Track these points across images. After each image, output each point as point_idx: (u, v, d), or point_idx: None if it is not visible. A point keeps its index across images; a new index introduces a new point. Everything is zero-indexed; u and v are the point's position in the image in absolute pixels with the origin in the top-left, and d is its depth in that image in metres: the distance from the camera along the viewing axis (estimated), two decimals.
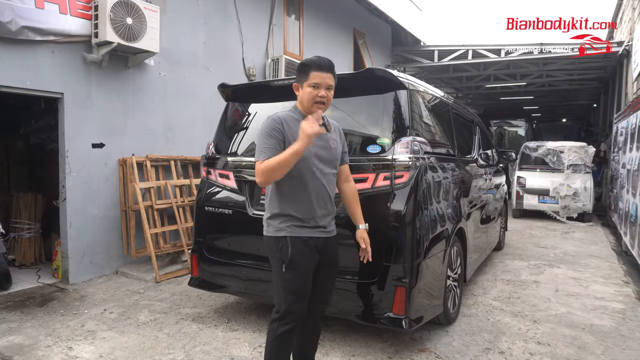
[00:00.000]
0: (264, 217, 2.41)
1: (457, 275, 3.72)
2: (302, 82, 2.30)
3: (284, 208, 2.29)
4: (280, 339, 2.27)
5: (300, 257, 2.26)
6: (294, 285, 2.26)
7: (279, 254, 2.27)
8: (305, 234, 2.28)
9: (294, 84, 2.38)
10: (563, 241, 7.34)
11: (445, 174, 3.48)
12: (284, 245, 2.26)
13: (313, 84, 2.26)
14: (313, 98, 2.26)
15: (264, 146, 2.21)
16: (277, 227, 2.29)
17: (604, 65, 11.97)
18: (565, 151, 9.53)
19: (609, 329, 3.60)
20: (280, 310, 2.27)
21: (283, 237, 2.27)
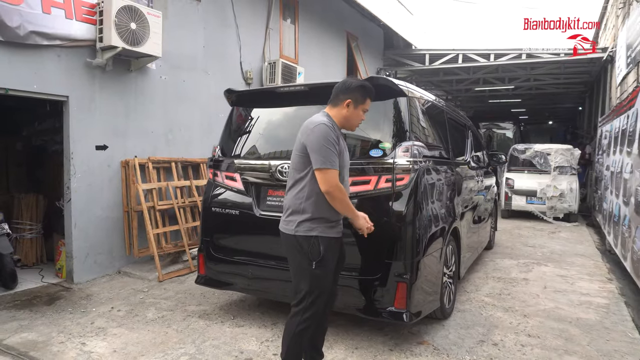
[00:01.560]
0: (285, 215, 2.52)
1: (452, 273, 3.92)
2: (357, 103, 2.52)
3: (320, 211, 2.43)
4: (302, 334, 2.44)
5: (330, 255, 2.45)
6: (322, 282, 2.44)
7: (310, 252, 2.41)
8: (333, 234, 2.48)
9: (348, 100, 2.49)
10: (550, 240, 7.60)
11: (441, 176, 3.67)
12: (315, 244, 2.41)
13: (366, 110, 2.58)
14: (359, 119, 2.58)
15: (331, 155, 2.35)
16: (309, 227, 2.43)
17: (589, 69, 12.34)
18: (552, 153, 9.82)
19: (593, 322, 3.83)
20: (304, 305, 2.42)
21: (315, 237, 2.42)
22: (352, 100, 2.51)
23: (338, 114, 2.53)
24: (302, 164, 2.46)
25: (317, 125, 2.40)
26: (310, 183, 2.44)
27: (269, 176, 3.43)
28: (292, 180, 2.53)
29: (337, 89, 2.57)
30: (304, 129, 2.46)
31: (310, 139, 2.38)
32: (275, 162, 3.39)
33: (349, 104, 2.51)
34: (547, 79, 13.98)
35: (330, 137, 2.38)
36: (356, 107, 2.52)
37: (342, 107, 2.52)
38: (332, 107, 2.56)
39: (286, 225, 2.51)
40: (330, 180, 2.35)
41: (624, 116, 5.89)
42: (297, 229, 2.45)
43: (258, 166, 3.54)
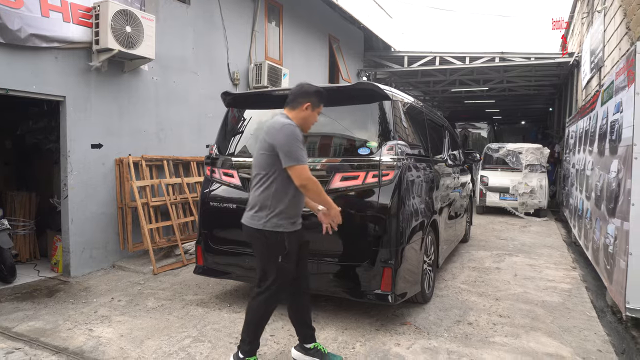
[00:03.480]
0: (252, 210, 2.68)
1: (432, 261, 4.28)
2: (314, 106, 2.75)
3: (284, 208, 2.63)
4: (267, 310, 2.75)
5: (293, 249, 2.70)
6: (287, 271, 2.71)
7: (277, 247, 2.64)
8: (295, 228, 2.72)
9: (307, 103, 2.70)
10: (521, 234, 8.10)
11: (422, 172, 4.03)
12: (281, 239, 2.64)
13: (320, 112, 2.82)
14: (313, 121, 2.80)
15: (300, 152, 2.55)
16: (276, 223, 2.62)
17: (558, 73, 13.01)
18: (523, 152, 10.38)
19: (557, 304, 4.25)
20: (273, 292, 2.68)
21: (281, 233, 2.64)
22: (310, 103, 2.71)
23: (297, 115, 2.71)
24: (268, 163, 2.60)
25: (285, 125, 2.57)
26: (277, 181, 2.60)
27: None
28: (258, 178, 2.67)
29: (295, 93, 2.74)
30: (271, 130, 2.61)
31: (279, 138, 2.54)
32: None
33: (308, 107, 2.71)
34: (519, 81, 14.64)
35: (297, 135, 2.57)
36: (313, 109, 2.74)
37: (302, 109, 2.70)
38: (291, 110, 2.73)
39: (253, 220, 2.66)
40: (303, 174, 2.53)
41: (587, 118, 6.40)
42: (265, 224, 2.62)
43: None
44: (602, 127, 4.97)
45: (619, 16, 6.48)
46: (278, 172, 2.60)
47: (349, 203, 3.43)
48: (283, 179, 2.60)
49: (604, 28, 7.61)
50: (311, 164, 3.59)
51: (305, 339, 2.98)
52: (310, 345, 2.96)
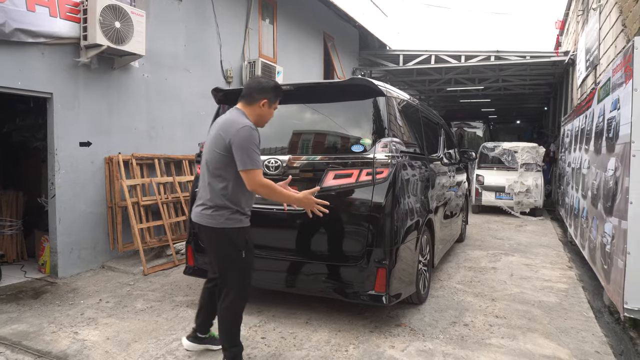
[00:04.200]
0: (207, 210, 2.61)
1: (427, 261, 4.20)
2: (271, 103, 2.71)
3: (240, 205, 2.63)
4: (238, 312, 2.73)
5: (250, 243, 2.71)
6: (250, 266, 2.73)
7: (238, 242, 2.62)
8: (247, 224, 2.72)
9: (264, 100, 2.65)
10: (517, 233, 8.05)
11: (417, 171, 3.95)
12: (242, 235, 2.64)
13: (276, 108, 2.79)
14: (269, 117, 2.76)
15: (256, 156, 2.52)
16: (236, 219, 2.62)
17: (553, 72, 12.99)
18: (519, 151, 10.34)
19: (554, 304, 4.19)
20: (239, 289, 2.66)
21: (241, 228, 2.64)
22: (267, 100, 2.67)
23: (253, 112, 2.66)
24: (224, 162, 2.56)
25: (243, 127, 2.51)
26: (233, 180, 2.57)
27: None
28: (212, 175, 2.61)
29: (252, 88, 2.68)
30: (229, 129, 2.53)
31: (236, 140, 2.48)
32: (263, 157, 3.57)
33: (265, 104, 2.67)
34: (515, 80, 14.61)
35: (255, 139, 2.53)
36: (270, 106, 2.70)
37: (258, 105, 2.66)
38: (246, 105, 2.68)
39: (211, 220, 2.60)
40: (255, 180, 2.50)
41: (583, 116, 6.35)
42: (227, 222, 2.59)
43: None
44: (599, 125, 4.91)
45: (614, 13, 6.44)
46: (235, 171, 2.56)
47: (342, 202, 3.35)
48: (240, 179, 2.57)
49: (599, 26, 7.56)
50: (303, 161, 3.51)
51: (204, 329, 3.02)
52: (205, 334, 3.03)
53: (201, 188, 2.71)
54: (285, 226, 3.58)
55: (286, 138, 3.71)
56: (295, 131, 3.74)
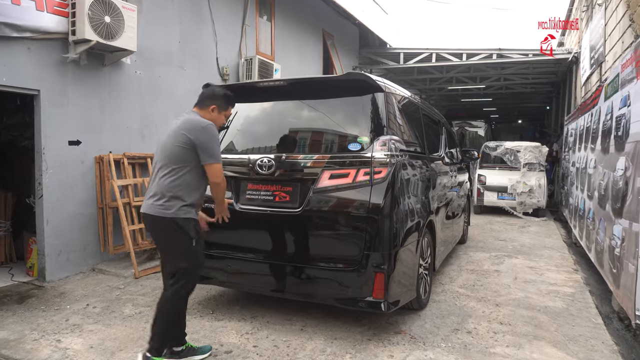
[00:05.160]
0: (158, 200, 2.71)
1: (428, 265, 4.03)
2: (221, 109, 2.91)
3: (192, 198, 2.75)
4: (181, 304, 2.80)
5: (200, 234, 2.85)
6: (199, 257, 2.86)
7: (190, 232, 2.73)
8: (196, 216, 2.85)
9: (213, 106, 2.84)
10: (520, 234, 7.87)
11: (417, 170, 3.77)
12: (193, 224, 2.76)
13: (227, 115, 2.98)
14: (222, 123, 2.96)
15: (219, 151, 2.77)
16: (186, 210, 2.73)
17: (556, 70, 12.80)
18: (521, 151, 10.15)
19: (560, 310, 4.01)
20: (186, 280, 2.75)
21: (192, 219, 2.76)
22: (216, 106, 2.87)
23: (204, 116, 2.84)
24: (184, 156, 2.70)
25: (208, 125, 2.73)
26: (190, 173, 2.72)
27: (249, 170, 3.45)
28: (168, 168, 2.73)
29: (204, 94, 2.91)
30: (193, 127, 2.71)
31: (202, 137, 2.68)
32: (255, 156, 3.42)
33: (214, 109, 2.87)
34: (517, 78, 14.42)
35: (217, 135, 2.77)
36: (219, 112, 2.90)
37: (208, 111, 2.86)
38: (199, 110, 2.88)
39: (164, 210, 2.69)
40: (218, 172, 2.75)
41: (588, 114, 6.17)
42: (177, 213, 2.69)
43: (237, 160, 3.55)
44: (606, 123, 4.73)
45: (621, 9, 6.26)
46: (192, 166, 2.72)
47: (339, 203, 3.18)
48: (197, 173, 2.74)
49: (604, 22, 7.38)
50: (299, 160, 3.34)
51: (178, 341, 2.90)
52: (181, 347, 2.91)
53: (153, 182, 2.80)
54: (278, 228, 3.41)
55: (280, 136, 3.54)
56: (289, 129, 3.57)
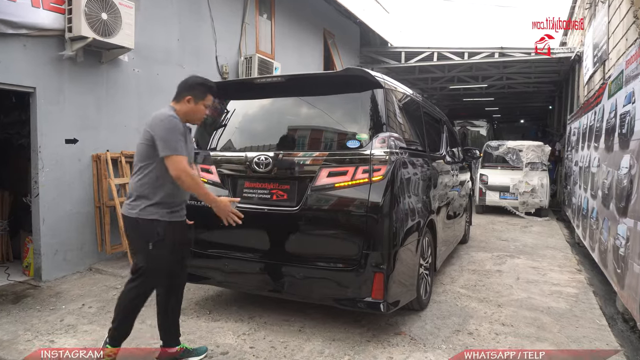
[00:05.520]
0: (130, 200, 2.67)
1: (429, 265, 3.96)
2: (198, 99, 2.72)
3: (161, 197, 2.61)
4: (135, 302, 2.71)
5: (169, 238, 2.63)
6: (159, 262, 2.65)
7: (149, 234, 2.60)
8: (174, 218, 2.68)
9: (188, 97, 2.68)
10: (522, 234, 7.79)
11: (417, 169, 3.70)
12: (154, 226, 2.60)
13: (207, 105, 2.78)
14: (202, 114, 2.79)
15: (178, 143, 2.55)
16: (151, 211, 2.61)
17: (558, 69, 12.70)
18: (524, 150, 10.07)
19: (564, 311, 3.94)
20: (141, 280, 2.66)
21: (155, 220, 2.61)
22: (192, 96, 2.71)
23: (181, 109, 2.71)
24: (148, 153, 2.62)
25: (167, 117, 2.59)
26: (155, 170, 2.60)
27: (245, 168, 3.39)
28: (137, 167, 2.69)
29: (179, 86, 2.77)
30: (153, 121, 2.62)
31: (159, 129, 2.56)
32: (252, 154, 3.36)
33: (190, 100, 2.71)
34: (519, 78, 14.33)
35: (177, 127, 2.58)
36: (197, 102, 2.73)
37: (184, 103, 2.71)
38: (176, 103, 2.74)
39: (130, 210, 2.64)
40: (178, 165, 2.52)
41: (591, 112, 6.09)
42: (140, 213, 2.60)
43: (234, 158, 3.50)
44: (610, 120, 4.66)
45: (624, 6, 6.18)
46: (157, 162, 2.60)
47: (337, 201, 3.12)
48: (161, 169, 2.59)
49: (608, 19, 7.30)
50: (296, 158, 3.28)
51: (171, 341, 2.86)
52: (175, 348, 2.86)
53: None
54: (276, 227, 3.34)
55: (277, 133, 3.47)
56: (287, 126, 3.51)
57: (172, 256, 2.68)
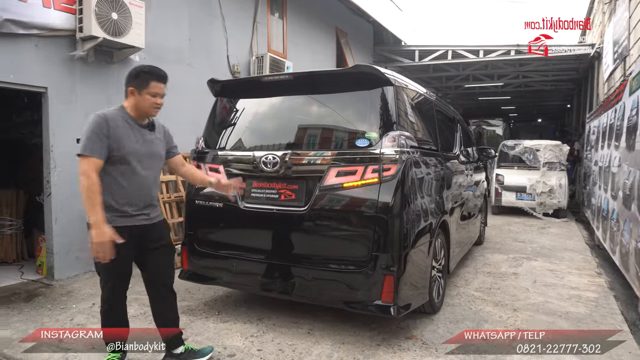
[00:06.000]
0: None
1: (441, 267, 3.86)
2: (141, 89, 2.51)
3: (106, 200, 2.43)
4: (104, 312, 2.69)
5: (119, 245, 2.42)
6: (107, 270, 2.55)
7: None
8: (119, 223, 2.46)
9: (129, 88, 2.52)
10: (540, 236, 7.60)
11: (430, 168, 3.61)
12: None
13: (154, 93, 2.53)
14: (151, 105, 2.54)
15: (89, 143, 2.38)
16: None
17: (577, 66, 12.40)
18: (541, 149, 9.84)
19: (583, 316, 3.79)
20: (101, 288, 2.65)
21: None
22: (134, 87, 2.53)
23: (129, 104, 2.57)
24: None
25: (92, 116, 2.45)
26: (101, 174, 2.43)
27: (253, 167, 3.34)
28: None
29: (125, 79, 2.62)
30: None
31: (84, 127, 2.44)
32: (260, 153, 3.30)
33: (133, 92, 2.54)
34: (536, 76, 14.04)
35: (96, 126, 2.40)
36: (140, 93, 2.53)
37: (130, 97, 2.56)
38: (125, 100, 2.61)
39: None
40: (80, 167, 2.38)
41: (612, 110, 5.89)
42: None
43: (242, 157, 3.45)
44: (631, 118, 4.48)
45: None
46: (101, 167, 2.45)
47: (346, 202, 3.04)
48: (105, 170, 2.45)
49: (629, 14, 7.07)
50: (304, 157, 3.21)
51: (172, 344, 2.76)
52: (179, 349, 2.77)
53: None
54: (283, 228, 3.28)
55: (285, 132, 3.42)
56: (295, 125, 3.44)
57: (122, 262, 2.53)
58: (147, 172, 2.59)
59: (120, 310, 2.73)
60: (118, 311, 2.72)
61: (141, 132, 2.59)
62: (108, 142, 2.42)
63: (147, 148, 2.58)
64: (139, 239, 2.58)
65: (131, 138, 2.51)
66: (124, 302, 2.76)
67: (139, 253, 2.64)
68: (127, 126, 2.51)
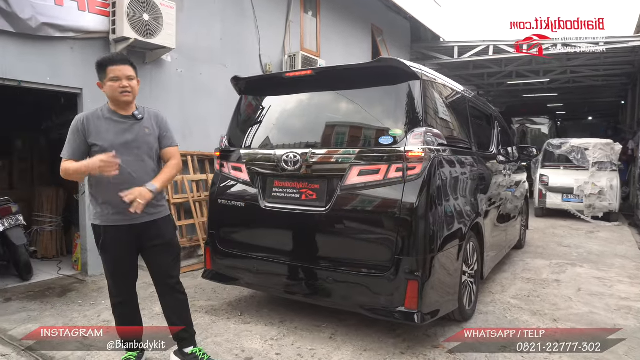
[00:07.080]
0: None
1: (474, 272, 3.64)
2: (103, 80, 2.53)
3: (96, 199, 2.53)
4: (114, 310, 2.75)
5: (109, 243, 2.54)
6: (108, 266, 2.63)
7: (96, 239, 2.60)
8: (110, 222, 2.49)
9: (97, 83, 2.55)
10: (587, 240, 7.12)
11: (461, 167, 3.40)
12: (98, 233, 2.57)
13: (113, 77, 2.49)
14: (116, 90, 2.49)
15: (67, 146, 2.51)
16: (94, 214, 2.58)
17: (632, 59, 11.55)
18: (590, 148, 9.25)
19: (633, 329, 3.46)
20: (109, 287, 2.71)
21: (95, 225, 2.57)
22: (99, 81, 2.57)
23: (106, 95, 2.59)
24: None
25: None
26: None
27: (274, 166, 3.26)
28: None
29: None
30: None
31: None
32: (280, 152, 3.22)
33: (100, 86, 2.59)
34: (585, 70, 13.22)
35: (73, 127, 2.51)
36: (104, 83, 2.54)
37: (103, 91, 2.58)
38: None
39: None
40: (61, 168, 2.47)
41: None
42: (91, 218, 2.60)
43: (263, 156, 3.38)
44: None
45: None
46: None
47: (368, 202, 2.91)
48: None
49: None
50: (326, 155, 3.09)
51: (182, 342, 2.74)
52: (188, 349, 2.72)
53: None
54: (305, 228, 3.18)
55: (306, 130, 3.33)
56: (317, 122, 3.33)
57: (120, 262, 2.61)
58: (128, 162, 2.46)
59: (131, 310, 2.75)
60: (128, 310, 2.73)
61: (124, 123, 2.55)
62: (82, 139, 2.48)
63: (126, 138, 2.51)
64: (137, 237, 2.58)
65: (109, 131, 2.50)
66: (135, 301, 2.77)
67: (141, 251, 2.66)
68: (102, 120, 2.53)
